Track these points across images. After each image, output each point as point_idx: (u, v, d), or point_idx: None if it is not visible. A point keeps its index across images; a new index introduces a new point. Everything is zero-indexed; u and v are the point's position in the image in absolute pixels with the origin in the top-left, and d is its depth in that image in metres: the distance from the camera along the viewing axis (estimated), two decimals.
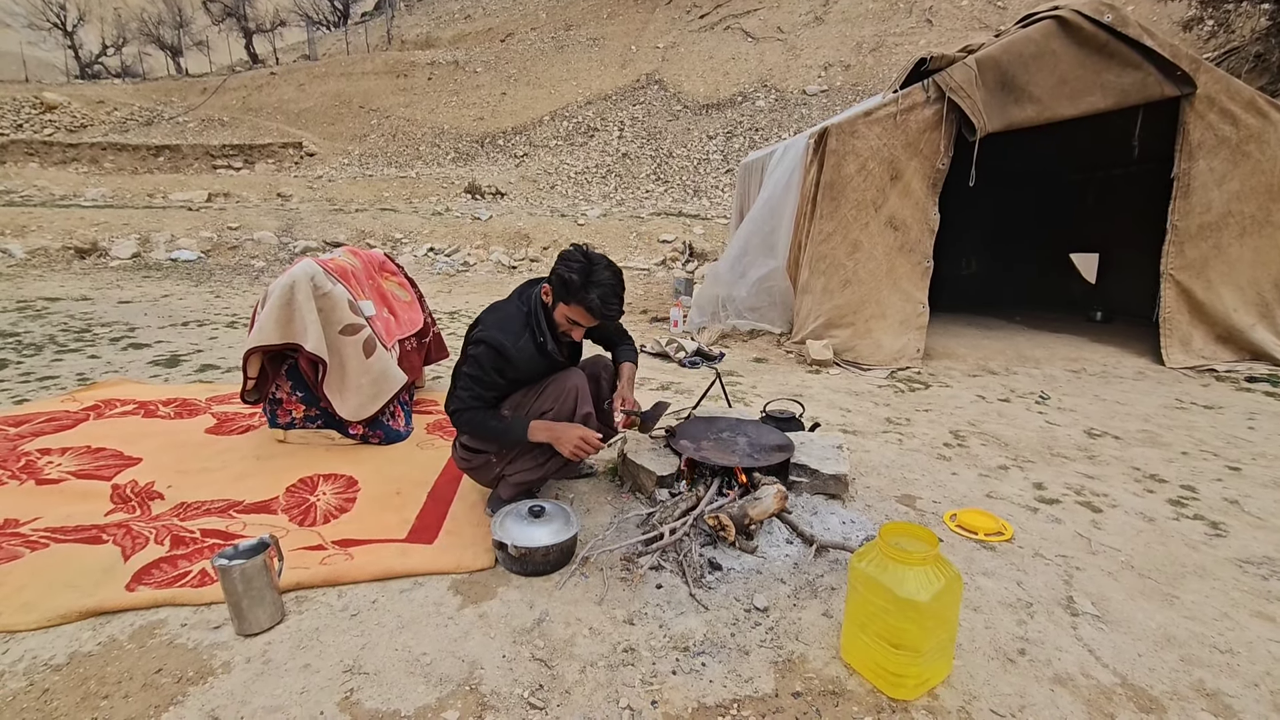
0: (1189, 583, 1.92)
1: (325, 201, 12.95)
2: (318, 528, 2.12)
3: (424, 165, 16.40)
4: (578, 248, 2.03)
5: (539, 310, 2.07)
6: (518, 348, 2.03)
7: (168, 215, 10.85)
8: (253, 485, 2.43)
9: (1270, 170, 4.39)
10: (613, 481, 2.51)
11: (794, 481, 2.33)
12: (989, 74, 4.20)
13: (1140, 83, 4.24)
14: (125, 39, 28.51)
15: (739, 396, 3.72)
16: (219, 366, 4.24)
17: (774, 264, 5.05)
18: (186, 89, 20.78)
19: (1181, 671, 1.54)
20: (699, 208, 13.00)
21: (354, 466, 2.61)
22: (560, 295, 1.99)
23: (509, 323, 2.05)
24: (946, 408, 3.63)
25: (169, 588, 1.77)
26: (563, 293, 1.97)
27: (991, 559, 2.03)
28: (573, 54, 20.19)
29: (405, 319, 3.34)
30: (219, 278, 8.54)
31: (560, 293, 1.98)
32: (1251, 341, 4.53)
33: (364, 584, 1.82)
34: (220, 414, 3.24)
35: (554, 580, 1.85)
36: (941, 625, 1.44)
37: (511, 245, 10.57)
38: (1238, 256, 4.49)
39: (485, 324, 2.06)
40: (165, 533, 2.05)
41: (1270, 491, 2.59)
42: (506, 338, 2.01)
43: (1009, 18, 13.66)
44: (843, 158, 4.37)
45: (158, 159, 15.70)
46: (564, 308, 2.00)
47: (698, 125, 16.04)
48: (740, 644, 1.60)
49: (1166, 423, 3.43)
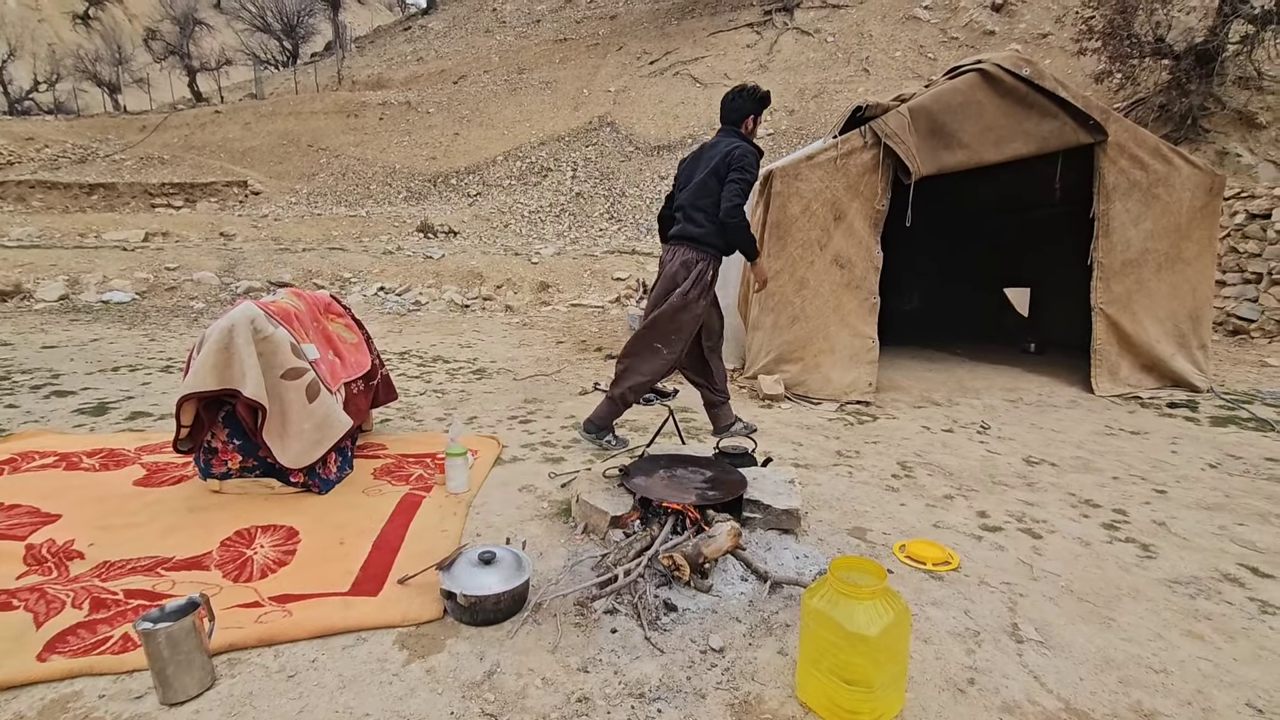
0: (1124, 604, 2.00)
1: (271, 240, 12.64)
2: (254, 583, 2.02)
3: (375, 204, 16.23)
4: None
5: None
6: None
7: (100, 255, 10.41)
8: (183, 540, 2.30)
9: (1178, 211, 4.74)
10: (566, 522, 2.47)
11: (748, 518, 2.34)
12: (921, 121, 4.45)
13: (1058, 130, 4.55)
14: (59, 75, 27.62)
15: (693, 433, 3.74)
16: (151, 414, 4.03)
17: (725, 301, 5.14)
18: (124, 126, 20.17)
19: (1120, 693, 1.59)
20: (652, 246, 13.18)
21: (295, 516, 2.50)
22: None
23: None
24: (894, 439, 3.72)
25: (86, 656, 1.64)
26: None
27: (940, 589, 2.06)
28: (525, 96, 20.49)
29: (352, 361, 3.26)
30: (154, 320, 8.19)
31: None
32: (1172, 370, 4.81)
33: (303, 642, 1.73)
34: (151, 464, 3.07)
35: (505, 629, 1.80)
36: (892, 659, 1.46)
37: (464, 284, 10.49)
38: (1157, 290, 4.80)
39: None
40: (84, 595, 1.92)
41: (1193, 513, 2.73)
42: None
43: (938, 69, 14.55)
44: (787, 199, 4.53)
45: (91, 197, 15.11)
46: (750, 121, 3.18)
47: (650, 165, 16.40)
48: (697, 687, 1.58)
49: (1098, 449, 3.60)
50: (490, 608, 1.80)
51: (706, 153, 3.19)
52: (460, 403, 4.42)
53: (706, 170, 3.11)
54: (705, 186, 3.10)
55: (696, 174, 3.18)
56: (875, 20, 19.41)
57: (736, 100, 3.17)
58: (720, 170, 3.03)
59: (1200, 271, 4.85)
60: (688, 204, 3.17)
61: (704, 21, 22.29)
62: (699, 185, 3.12)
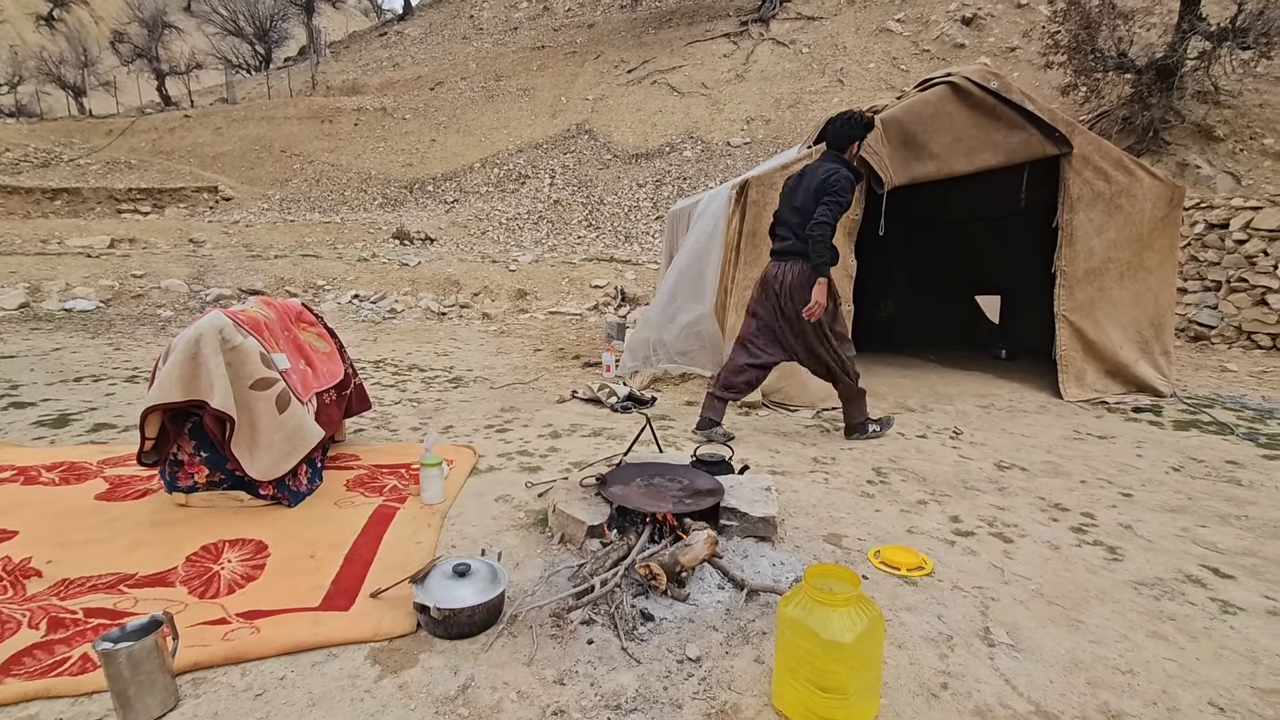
0: (1092, 606, 2.04)
1: (242, 247, 12.42)
2: (221, 599, 1.97)
3: (350, 210, 16.05)
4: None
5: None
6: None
7: (63, 262, 10.12)
8: (147, 555, 2.23)
9: (1139, 221, 4.88)
10: (543, 533, 2.45)
11: (724, 525, 2.34)
12: (893, 132, 4.52)
13: (1025, 142, 4.66)
14: (21, 77, 26.91)
15: (670, 441, 3.74)
16: (115, 425, 3.92)
17: (702, 309, 5.17)
18: (90, 130, 19.70)
19: (1089, 695, 1.62)
20: (630, 253, 13.22)
21: (264, 530, 2.45)
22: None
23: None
24: (869, 445, 3.76)
25: (43, 678, 1.59)
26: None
27: (914, 594, 2.08)
28: (503, 103, 20.45)
29: (324, 371, 3.21)
30: (120, 328, 7.98)
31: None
32: (1136, 375, 4.94)
33: (272, 659, 1.69)
34: (114, 478, 2.98)
35: (480, 642, 1.77)
36: (866, 665, 1.47)
37: (441, 291, 10.40)
38: (1119, 298, 4.92)
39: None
40: (41, 615, 1.85)
41: (1158, 515, 2.80)
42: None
43: (911, 80, 14.84)
44: (763, 208, 4.57)
45: (54, 202, 14.71)
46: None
47: (628, 174, 16.45)
48: (673, 697, 1.57)
49: (1067, 453, 3.67)
50: (465, 621, 1.78)
51: (809, 176, 3.50)
52: (436, 412, 4.37)
53: (808, 193, 3.45)
54: (807, 208, 3.44)
55: (799, 196, 3.52)
56: (849, 32, 19.74)
57: (844, 127, 3.49)
58: (818, 193, 3.37)
59: (1162, 280, 4.99)
60: (793, 223, 3.53)
61: (681, 31, 22.47)
62: (804, 207, 3.47)
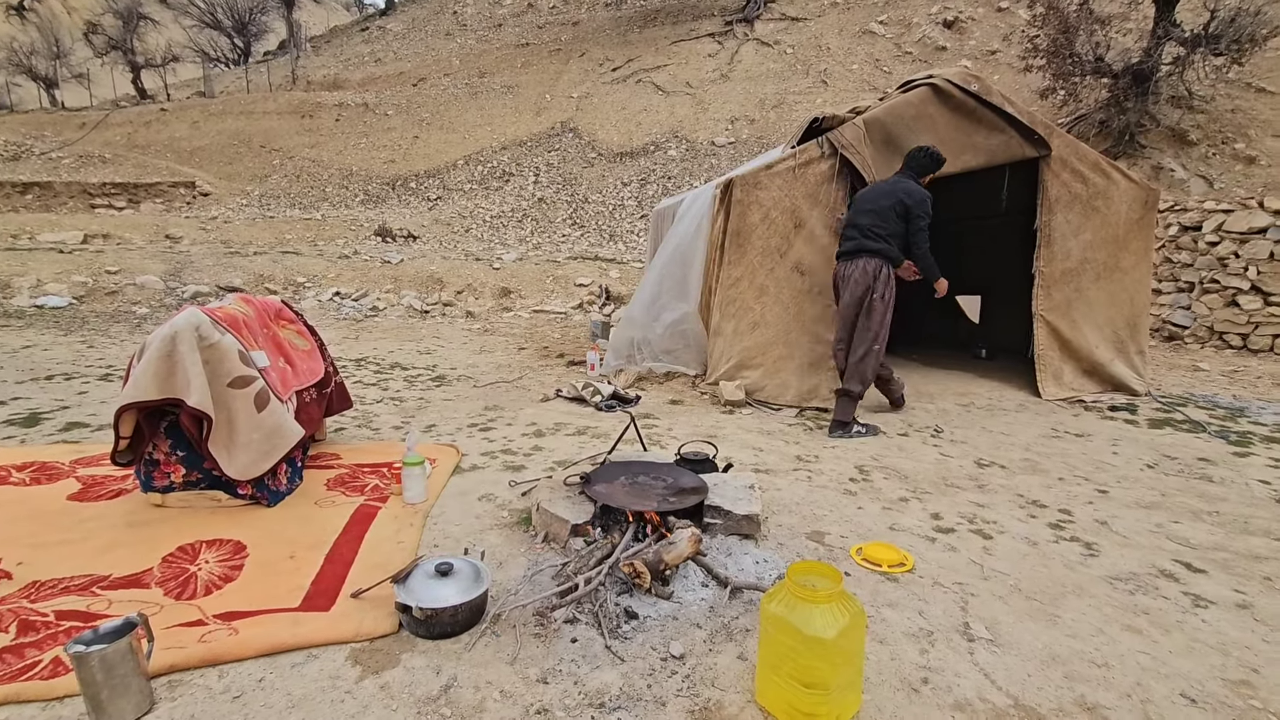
0: (1068, 601, 2.07)
1: (220, 244, 12.22)
2: (198, 600, 1.94)
3: (331, 207, 15.85)
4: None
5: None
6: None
7: (34, 258, 9.90)
8: (122, 557, 2.19)
9: (1115, 223, 4.96)
10: (526, 531, 2.44)
11: (708, 523, 2.35)
12: (875, 133, 4.56)
13: (1005, 144, 4.72)
14: None
15: (655, 439, 3.74)
16: (88, 425, 3.84)
17: (686, 308, 5.18)
18: (62, 123, 19.25)
19: (1065, 688, 1.65)
20: (615, 252, 13.20)
21: (242, 530, 2.41)
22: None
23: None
24: (852, 443, 3.79)
25: (12, 683, 1.55)
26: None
27: (895, 590, 2.11)
28: (487, 100, 20.31)
29: (304, 369, 3.17)
30: (93, 326, 7.82)
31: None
32: (1112, 374, 5.03)
33: (250, 661, 1.67)
34: (87, 478, 2.92)
35: (463, 641, 1.76)
36: (848, 661, 1.48)
37: (424, 289, 10.31)
38: (1095, 299, 5.01)
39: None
40: (11, 618, 1.81)
41: (1133, 512, 2.85)
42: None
43: (893, 81, 14.97)
44: (747, 207, 4.59)
45: (25, 196, 14.37)
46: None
47: (612, 172, 16.42)
48: (657, 695, 1.58)
49: (1045, 451, 3.73)
50: (447, 620, 1.77)
51: (885, 187, 4.08)
52: (418, 410, 4.34)
53: (889, 202, 3.97)
54: (886, 215, 3.96)
55: (879, 202, 4.02)
56: (833, 33, 19.86)
57: (925, 159, 4.08)
58: (899, 208, 3.94)
59: (1137, 281, 5.09)
60: (868, 225, 4.01)
61: (666, 30, 22.47)
62: (882, 212, 3.98)
